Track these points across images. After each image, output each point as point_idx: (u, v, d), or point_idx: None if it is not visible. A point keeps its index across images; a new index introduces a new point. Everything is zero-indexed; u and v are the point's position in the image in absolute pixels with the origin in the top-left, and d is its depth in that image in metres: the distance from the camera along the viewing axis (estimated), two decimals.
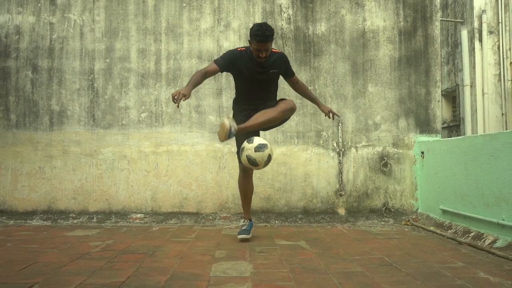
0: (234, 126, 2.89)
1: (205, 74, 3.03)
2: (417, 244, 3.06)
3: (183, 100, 2.80)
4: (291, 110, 3.07)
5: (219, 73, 3.24)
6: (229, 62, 3.08)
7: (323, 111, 3.40)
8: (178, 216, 4.09)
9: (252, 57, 3.08)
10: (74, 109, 4.20)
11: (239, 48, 3.19)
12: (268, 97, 3.24)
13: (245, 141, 2.95)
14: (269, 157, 2.93)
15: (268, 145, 2.94)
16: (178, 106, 2.81)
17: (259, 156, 2.88)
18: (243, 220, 3.31)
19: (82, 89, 4.22)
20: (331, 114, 3.37)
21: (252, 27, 2.99)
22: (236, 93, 3.34)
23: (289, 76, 3.34)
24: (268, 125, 3.14)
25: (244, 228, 3.20)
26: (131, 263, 2.48)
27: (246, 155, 2.90)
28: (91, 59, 4.23)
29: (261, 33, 2.90)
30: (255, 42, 2.95)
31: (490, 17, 7.79)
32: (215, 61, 3.08)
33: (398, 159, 4.22)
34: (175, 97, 2.77)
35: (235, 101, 3.34)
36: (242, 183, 3.27)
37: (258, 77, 3.12)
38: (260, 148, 2.89)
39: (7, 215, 4.08)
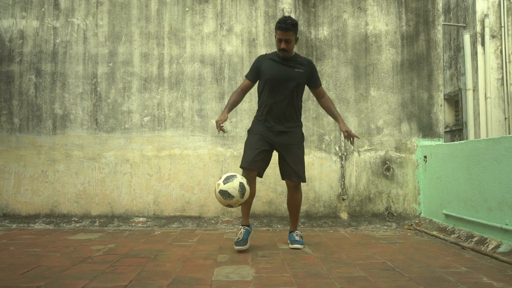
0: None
1: (242, 91, 3.22)
2: (420, 249, 3.05)
3: (222, 124, 3.00)
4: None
5: (253, 84, 3.25)
6: (254, 68, 3.21)
7: (341, 129, 3.19)
8: (180, 220, 4.09)
9: (277, 56, 3.14)
10: (77, 113, 4.22)
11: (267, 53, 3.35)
12: (291, 116, 3.13)
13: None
14: (242, 185, 2.78)
15: (238, 175, 2.84)
16: (224, 131, 3.02)
17: (229, 186, 2.75)
18: (241, 227, 3.11)
19: (85, 93, 4.23)
20: (351, 138, 3.17)
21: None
22: (258, 107, 3.24)
23: (315, 85, 3.23)
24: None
25: (239, 239, 3.00)
26: (133, 267, 2.48)
27: (219, 191, 2.77)
28: (94, 63, 4.25)
29: (283, 21, 3.01)
30: (277, 31, 3.05)
31: (493, 21, 7.79)
32: (245, 76, 3.25)
33: (401, 163, 4.21)
34: (217, 127, 3.01)
35: (256, 118, 3.24)
36: None
37: (281, 74, 3.07)
38: (228, 179, 2.79)
39: (10, 219, 4.09)
